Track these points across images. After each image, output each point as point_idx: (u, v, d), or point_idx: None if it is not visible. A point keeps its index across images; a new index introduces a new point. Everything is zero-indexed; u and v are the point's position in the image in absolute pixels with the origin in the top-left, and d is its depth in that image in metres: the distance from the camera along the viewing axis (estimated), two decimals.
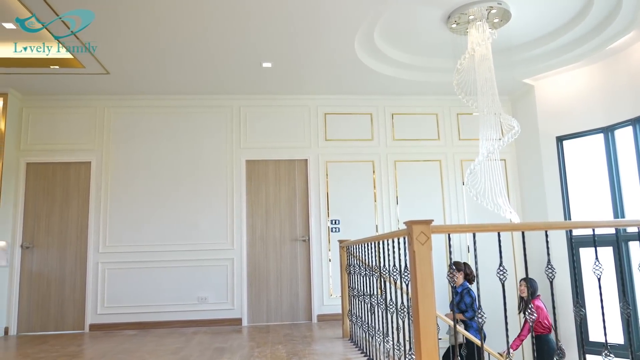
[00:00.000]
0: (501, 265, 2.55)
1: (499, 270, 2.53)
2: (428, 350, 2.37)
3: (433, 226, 2.47)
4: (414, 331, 2.47)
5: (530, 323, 2.53)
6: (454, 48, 5.39)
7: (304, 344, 4.65)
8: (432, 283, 2.45)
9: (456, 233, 6.27)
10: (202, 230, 6.24)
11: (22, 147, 6.23)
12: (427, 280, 2.44)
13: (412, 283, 2.48)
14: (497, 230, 2.56)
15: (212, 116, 6.49)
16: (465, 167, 6.69)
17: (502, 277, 2.52)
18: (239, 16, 4.45)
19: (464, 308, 5.37)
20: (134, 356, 4.33)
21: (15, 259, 6.01)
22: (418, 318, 2.42)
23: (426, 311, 2.42)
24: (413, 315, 2.48)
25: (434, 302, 2.44)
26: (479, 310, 2.53)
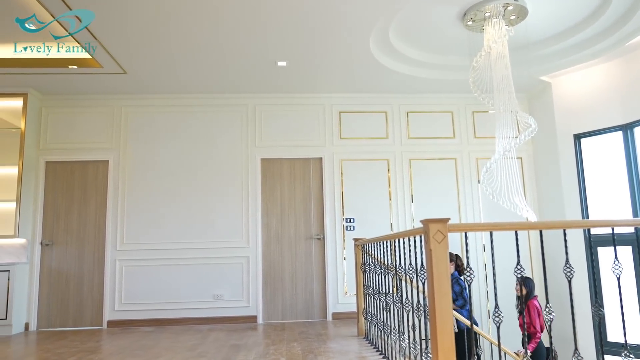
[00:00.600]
0: (518, 264, 2.54)
1: (517, 269, 2.51)
2: (445, 349, 2.37)
3: (450, 225, 2.46)
4: (431, 330, 2.46)
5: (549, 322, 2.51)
6: (469, 45, 5.36)
7: (319, 342, 4.67)
8: (448, 282, 2.44)
9: (473, 232, 6.23)
10: (218, 229, 6.28)
11: (42, 146, 6.33)
12: (444, 279, 2.43)
13: (429, 282, 2.47)
14: (515, 229, 2.54)
15: (227, 115, 6.54)
16: (480, 165, 6.65)
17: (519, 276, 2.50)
18: (254, 15, 4.47)
19: (454, 297, 5.38)
20: (151, 352, 4.39)
21: (35, 256, 6.12)
22: (435, 317, 2.41)
23: (443, 310, 2.41)
24: (430, 313, 2.48)
25: (450, 301, 2.43)
26: (496, 310, 2.51)
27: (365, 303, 4.74)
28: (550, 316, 2.51)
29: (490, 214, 6.52)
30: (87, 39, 4.83)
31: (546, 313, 2.52)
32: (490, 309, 6.35)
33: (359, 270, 4.96)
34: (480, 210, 6.59)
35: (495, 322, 2.48)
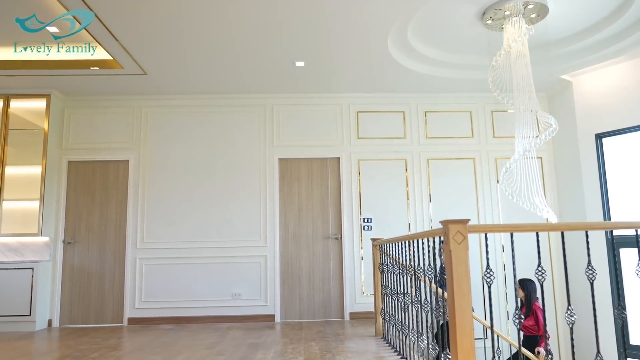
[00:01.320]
0: (539, 265, 2.51)
1: (538, 271, 2.49)
2: (465, 350, 2.36)
3: (470, 226, 2.45)
4: (450, 331, 2.46)
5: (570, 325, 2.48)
6: (489, 44, 5.32)
7: (337, 342, 4.68)
8: (468, 283, 2.43)
9: (493, 233, 6.19)
10: (236, 228, 6.33)
11: (64, 146, 6.45)
12: (464, 280, 2.43)
13: (448, 283, 2.47)
14: (536, 230, 2.52)
15: (245, 115, 6.58)
16: (499, 165, 6.59)
17: (541, 278, 2.48)
18: (273, 16, 4.50)
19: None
20: (170, 350, 4.44)
21: (58, 254, 6.24)
22: (454, 318, 2.41)
23: (462, 311, 2.41)
24: (449, 315, 2.47)
25: (470, 302, 2.42)
26: (516, 312, 2.50)
27: (383, 303, 4.74)
28: (571, 319, 2.48)
29: (509, 215, 6.46)
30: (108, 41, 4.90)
31: (567, 315, 2.49)
32: (509, 310, 6.29)
33: (377, 270, 4.96)
34: (499, 211, 6.53)
35: (515, 324, 2.46)
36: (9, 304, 5.75)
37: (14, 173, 6.16)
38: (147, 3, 4.22)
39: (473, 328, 2.44)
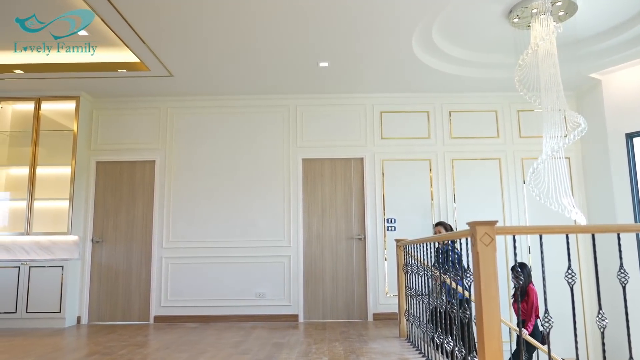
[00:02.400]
0: (569, 268, 2.47)
1: (568, 274, 2.45)
2: (493, 353, 2.33)
3: (498, 227, 2.42)
4: (478, 333, 2.43)
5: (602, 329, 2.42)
6: (515, 43, 5.24)
7: (361, 342, 4.67)
8: (496, 285, 2.40)
9: (522, 234, 6.09)
10: (260, 228, 6.38)
11: (93, 146, 6.59)
12: (491, 282, 2.40)
13: (476, 285, 2.44)
14: (565, 232, 2.48)
15: (269, 116, 6.62)
16: (526, 165, 6.49)
17: (571, 281, 2.44)
18: (297, 16, 4.51)
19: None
20: (196, 348, 4.50)
21: (87, 252, 6.38)
22: (482, 320, 2.38)
23: (490, 313, 2.38)
24: (476, 317, 2.45)
25: (498, 304, 2.39)
26: (546, 315, 2.46)
27: (407, 304, 4.71)
28: (603, 323, 2.43)
29: (536, 217, 6.35)
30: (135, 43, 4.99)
31: (598, 320, 2.44)
32: None
33: (401, 271, 4.94)
34: (526, 212, 6.43)
35: (545, 328, 2.42)
36: (40, 300, 5.90)
37: (44, 173, 6.33)
38: (174, 5, 4.28)
39: (501, 331, 2.41)
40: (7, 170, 6.48)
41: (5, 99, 6.39)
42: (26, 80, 5.98)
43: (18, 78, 5.88)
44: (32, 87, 6.19)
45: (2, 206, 6.38)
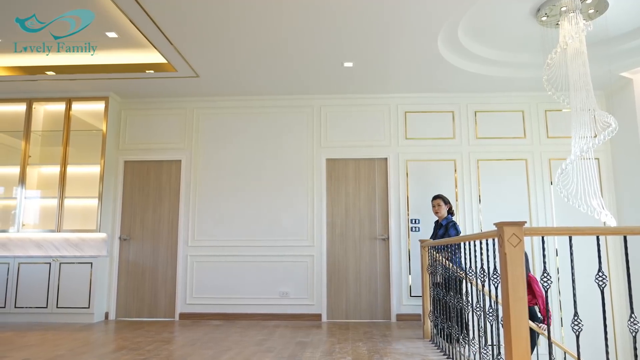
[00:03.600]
0: (600, 271, 2.43)
1: (598, 277, 2.41)
2: (520, 356, 2.31)
3: (526, 228, 2.39)
4: (504, 336, 2.41)
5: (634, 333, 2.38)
6: (543, 42, 5.16)
7: (385, 343, 4.66)
8: (524, 286, 2.38)
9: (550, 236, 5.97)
10: (284, 227, 6.42)
11: (121, 146, 6.73)
12: (519, 284, 2.38)
13: (503, 286, 2.42)
14: (596, 234, 2.43)
15: (293, 116, 6.66)
16: (553, 166, 6.38)
17: (602, 284, 2.39)
18: (321, 17, 4.53)
19: None
20: (221, 345, 4.55)
21: (114, 250, 6.51)
22: (509, 322, 2.36)
23: (518, 315, 2.36)
24: (503, 319, 2.42)
25: (525, 306, 2.37)
26: (575, 317, 2.42)
27: (432, 305, 4.68)
28: (635, 327, 2.38)
29: (564, 218, 6.24)
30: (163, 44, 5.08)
31: (630, 324, 2.39)
32: (563, 317, 6.07)
33: (425, 272, 4.91)
34: (553, 214, 6.32)
35: (574, 331, 2.38)
36: (70, 296, 6.05)
37: (74, 172, 6.48)
38: (201, 7, 4.34)
39: (529, 333, 2.38)
40: (39, 169, 6.67)
41: (38, 99, 6.57)
42: (57, 82, 6.14)
43: (50, 79, 6.05)
44: (63, 88, 6.35)
45: (34, 204, 6.56)
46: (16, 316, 6.04)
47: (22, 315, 6.04)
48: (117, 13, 4.55)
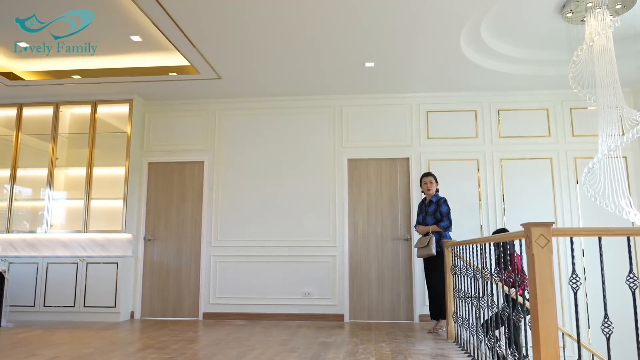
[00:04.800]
0: (631, 272, 2.38)
1: (629, 278, 2.36)
2: (549, 358, 2.28)
3: (554, 229, 2.36)
4: (533, 338, 2.38)
5: None
6: (568, 39, 5.07)
7: (408, 344, 4.64)
8: (552, 288, 2.34)
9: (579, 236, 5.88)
10: (306, 227, 6.43)
11: (145, 148, 6.83)
12: (548, 285, 2.34)
13: (531, 287, 2.39)
14: (627, 235, 2.38)
15: (315, 116, 6.67)
16: (579, 165, 6.27)
17: (633, 285, 2.35)
18: (343, 17, 4.53)
19: (439, 217, 5.25)
20: (245, 345, 4.59)
21: (139, 250, 6.61)
22: (537, 324, 2.33)
23: (546, 317, 2.32)
24: (532, 321, 2.39)
25: (554, 308, 2.33)
26: (604, 319, 2.37)
27: (456, 306, 4.65)
28: None
29: (590, 218, 6.12)
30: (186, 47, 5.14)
31: None
32: (590, 319, 5.95)
33: (449, 272, 4.87)
34: (579, 214, 6.21)
35: (605, 334, 2.33)
36: (97, 295, 6.16)
37: (100, 174, 6.61)
38: (224, 10, 4.38)
39: (558, 335, 2.35)
40: (66, 171, 6.81)
41: (64, 103, 6.71)
42: (83, 85, 6.26)
43: (76, 83, 6.17)
44: (89, 91, 6.47)
45: (61, 205, 6.70)
46: (45, 315, 6.18)
47: (50, 314, 6.18)
48: (141, 17, 4.62)
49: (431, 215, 5.32)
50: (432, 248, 5.10)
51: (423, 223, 5.37)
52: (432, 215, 5.31)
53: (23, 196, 6.75)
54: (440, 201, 5.33)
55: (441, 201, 5.32)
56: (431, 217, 5.31)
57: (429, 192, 5.43)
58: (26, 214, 6.75)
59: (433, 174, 5.52)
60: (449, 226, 5.22)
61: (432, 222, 5.30)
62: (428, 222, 5.32)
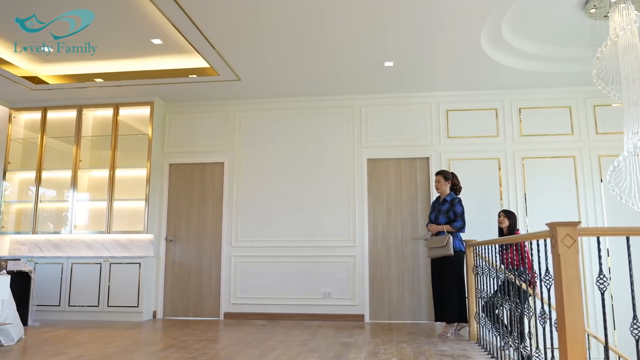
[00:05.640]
0: None
1: None
2: None
3: (580, 228, 2.32)
4: (559, 340, 2.34)
5: None
6: (592, 35, 4.98)
7: (429, 344, 4.61)
8: (579, 288, 2.31)
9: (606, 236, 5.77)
10: (326, 228, 6.43)
11: (166, 149, 6.91)
12: (574, 286, 2.31)
13: (557, 288, 2.36)
14: None
15: (334, 116, 6.67)
16: (603, 163, 6.16)
17: None
18: (362, 16, 4.52)
19: (452, 217, 5.16)
20: (266, 345, 4.61)
21: (161, 250, 6.69)
22: (564, 325, 2.29)
23: (573, 318, 2.29)
24: (558, 322, 2.36)
25: (581, 309, 2.30)
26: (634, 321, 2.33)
27: (478, 307, 4.60)
28: None
29: (615, 217, 6.01)
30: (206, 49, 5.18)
31: None
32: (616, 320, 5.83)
33: (471, 273, 4.83)
34: (604, 213, 6.09)
35: (634, 336, 2.29)
36: (120, 295, 6.25)
37: (122, 175, 6.70)
38: (243, 12, 4.41)
39: (585, 337, 2.31)
40: (89, 172, 6.92)
41: (87, 106, 6.83)
42: (105, 88, 6.36)
43: (98, 86, 6.27)
44: (111, 94, 6.57)
45: (84, 206, 6.81)
46: (70, 314, 6.29)
47: (75, 313, 6.29)
48: (162, 20, 4.68)
49: (444, 214, 5.24)
50: (450, 248, 4.99)
51: (435, 222, 5.31)
52: (445, 215, 5.23)
53: (48, 198, 6.89)
54: (455, 201, 5.25)
55: (455, 201, 5.24)
56: (444, 216, 5.23)
57: (440, 191, 5.36)
58: (51, 215, 6.88)
59: (443, 172, 5.40)
60: (463, 227, 5.13)
61: (445, 221, 5.20)
62: (440, 221, 5.23)
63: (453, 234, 5.14)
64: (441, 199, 5.37)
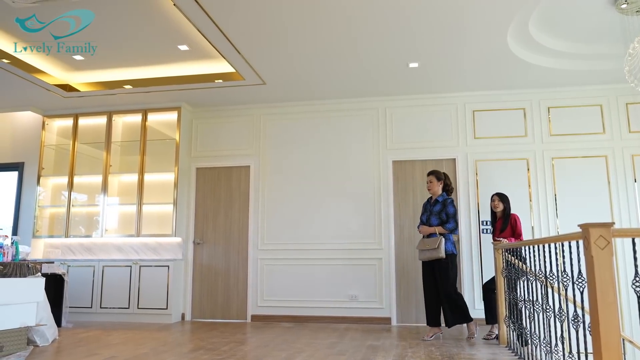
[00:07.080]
0: None
1: None
2: None
3: (614, 229, 2.26)
4: (593, 344, 2.28)
5: None
6: (623, 31, 4.86)
7: (458, 348, 4.55)
8: (614, 291, 2.25)
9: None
10: (352, 230, 6.42)
11: (193, 154, 7.01)
12: (609, 288, 2.25)
13: (590, 291, 2.30)
14: None
15: (358, 118, 6.67)
16: (637, 162, 5.99)
17: None
18: (386, 18, 4.51)
19: (444, 218, 5.02)
20: (293, 347, 4.62)
21: (189, 253, 6.79)
22: (598, 329, 2.23)
23: (608, 322, 2.23)
24: (591, 326, 2.30)
25: (616, 312, 2.24)
26: None
27: (508, 310, 4.52)
28: None
29: None
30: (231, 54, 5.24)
31: None
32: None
33: (499, 275, 4.75)
34: (638, 213, 5.92)
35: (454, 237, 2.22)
36: (150, 297, 6.36)
37: (151, 180, 6.83)
38: (269, 16, 4.45)
39: (620, 341, 2.25)
40: (119, 177, 7.07)
41: (117, 112, 6.99)
42: (134, 95, 6.49)
43: (127, 93, 6.40)
44: (139, 100, 6.71)
45: (114, 210, 6.96)
46: (102, 316, 6.43)
47: (107, 315, 6.42)
48: (188, 27, 4.76)
49: (436, 215, 5.11)
50: (442, 250, 4.88)
51: (427, 223, 5.20)
52: (437, 216, 5.11)
53: (79, 202, 7.07)
54: (447, 201, 5.12)
55: (448, 201, 5.12)
56: (436, 218, 5.10)
57: (432, 191, 5.23)
58: (82, 219, 7.05)
59: (436, 172, 5.26)
60: (455, 228, 5.03)
61: (437, 222, 5.07)
62: (432, 222, 5.11)
63: (445, 236, 5.03)
64: (433, 199, 5.26)
